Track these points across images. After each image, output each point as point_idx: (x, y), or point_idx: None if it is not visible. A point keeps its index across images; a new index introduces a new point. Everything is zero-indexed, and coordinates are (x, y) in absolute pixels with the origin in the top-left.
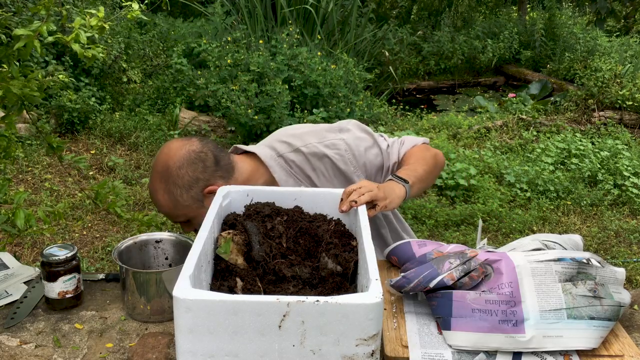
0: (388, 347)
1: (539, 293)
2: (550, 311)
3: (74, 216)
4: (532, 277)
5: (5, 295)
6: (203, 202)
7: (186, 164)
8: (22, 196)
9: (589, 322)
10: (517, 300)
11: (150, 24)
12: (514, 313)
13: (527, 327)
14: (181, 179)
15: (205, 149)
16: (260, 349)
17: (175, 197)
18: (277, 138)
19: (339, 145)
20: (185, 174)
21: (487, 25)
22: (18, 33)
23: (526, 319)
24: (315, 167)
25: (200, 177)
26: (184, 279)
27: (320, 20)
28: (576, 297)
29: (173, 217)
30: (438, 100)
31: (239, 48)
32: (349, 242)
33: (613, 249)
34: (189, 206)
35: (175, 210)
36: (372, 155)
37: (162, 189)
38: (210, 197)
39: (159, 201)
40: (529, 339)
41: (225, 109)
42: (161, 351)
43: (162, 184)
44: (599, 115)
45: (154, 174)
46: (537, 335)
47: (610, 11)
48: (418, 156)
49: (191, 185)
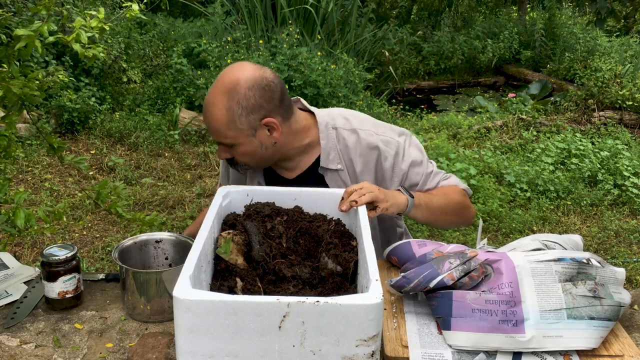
0: (388, 347)
1: (539, 293)
2: (550, 311)
3: (74, 216)
4: (532, 277)
5: (5, 295)
6: (256, 132)
7: (256, 87)
8: (22, 196)
9: (589, 322)
10: (517, 300)
11: (150, 24)
12: (514, 313)
13: (527, 327)
14: (247, 100)
15: (276, 81)
16: (260, 349)
17: (234, 116)
18: (339, 112)
19: (393, 145)
20: (253, 96)
21: (487, 25)
22: (19, 33)
23: (526, 319)
24: (362, 154)
25: (265, 105)
26: (184, 279)
27: (320, 20)
28: (576, 297)
29: (220, 135)
30: (438, 100)
31: (239, 48)
32: (349, 242)
33: (613, 249)
34: (242, 130)
35: (226, 129)
36: (415, 172)
37: (223, 104)
38: (264, 130)
39: (213, 115)
40: (529, 339)
41: None
42: (161, 351)
43: (225, 98)
44: (599, 115)
45: (219, 86)
46: (537, 335)
47: (610, 11)
48: (445, 192)
49: (253, 110)
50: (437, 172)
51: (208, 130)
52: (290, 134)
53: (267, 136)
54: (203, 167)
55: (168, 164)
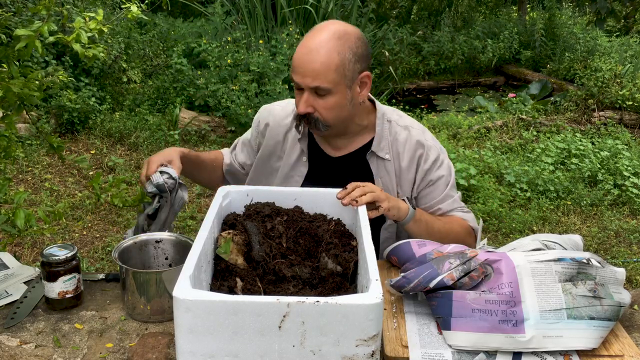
0: (388, 347)
1: (539, 293)
2: (550, 311)
3: (74, 216)
4: (532, 277)
5: (5, 295)
6: (352, 84)
7: (362, 39)
8: (22, 196)
9: (589, 322)
10: (517, 300)
11: (150, 24)
12: (513, 313)
13: (527, 327)
14: (357, 48)
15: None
16: (260, 350)
17: (344, 61)
18: (393, 109)
19: (434, 152)
20: (361, 46)
21: (487, 25)
22: (19, 33)
23: (526, 319)
24: (409, 149)
25: (366, 58)
26: (184, 279)
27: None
28: (576, 297)
29: (321, 78)
30: (438, 100)
31: (239, 48)
32: (349, 242)
33: (613, 249)
34: (345, 77)
35: (334, 72)
36: (440, 189)
37: (335, 48)
38: (357, 84)
39: (322, 56)
40: (529, 339)
41: (225, 109)
42: (161, 351)
43: (337, 43)
44: (599, 115)
45: (327, 32)
46: (537, 335)
47: (610, 11)
48: (451, 221)
49: (360, 59)
50: (458, 201)
51: (302, 73)
52: (362, 104)
53: (357, 92)
54: None
55: None
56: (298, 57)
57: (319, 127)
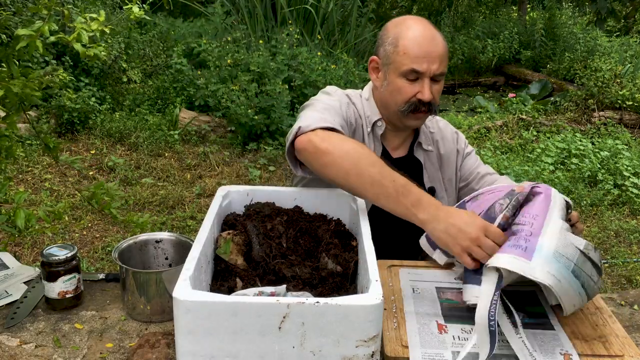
0: (388, 347)
1: (560, 238)
2: (562, 256)
3: (74, 216)
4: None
5: (5, 295)
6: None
7: None
8: (22, 196)
9: (580, 289)
10: (536, 232)
11: (150, 24)
12: (527, 240)
13: (536, 257)
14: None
15: None
16: (261, 350)
17: (447, 49)
18: None
19: (460, 133)
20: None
21: (487, 25)
22: (20, 33)
23: (538, 250)
24: (445, 137)
25: None
26: (184, 280)
27: (320, 20)
28: (587, 261)
29: (444, 62)
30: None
31: (239, 48)
32: (349, 242)
33: (613, 249)
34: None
35: (447, 56)
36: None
37: (441, 36)
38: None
39: (441, 43)
40: (534, 266)
41: (225, 109)
42: (161, 351)
43: (439, 32)
44: (599, 115)
45: (426, 23)
46: (542, 269)
47: (610, 11)
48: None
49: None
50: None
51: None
52: None
53: None
54: (203, 167)
55: (168, 164)
56: (421, 45)
57: (434, 112)
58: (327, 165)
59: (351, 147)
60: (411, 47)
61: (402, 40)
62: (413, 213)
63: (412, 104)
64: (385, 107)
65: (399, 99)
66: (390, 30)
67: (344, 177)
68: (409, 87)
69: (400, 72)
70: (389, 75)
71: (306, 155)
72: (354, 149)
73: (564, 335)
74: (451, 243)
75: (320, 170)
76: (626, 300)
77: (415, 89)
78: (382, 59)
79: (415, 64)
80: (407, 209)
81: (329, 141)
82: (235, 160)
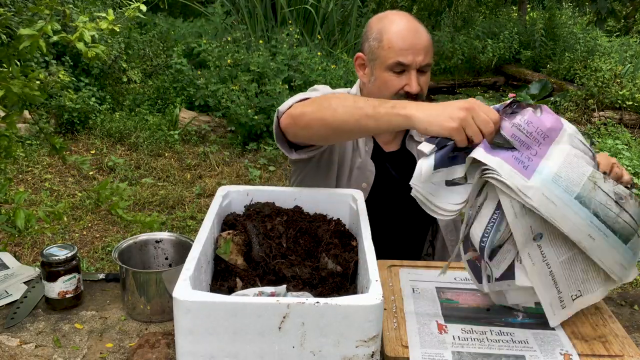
0: (388, 347)
1: (565, 162)
2: (565, 180)
3: (74, 216)
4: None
5: (5, 295)
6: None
7: None
8: (22, 196)
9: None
10: (541, 154)
11: (150, 24)
12: (529, 159)
13: (535, 177)
14: None
15: None
16: (261, 350)
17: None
18: None
19: None
20: None
21: (487, 25)
22: (23, 33)
23: (539, 171)
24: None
25: None
26: (184, 280)
27: (320, 20)
28: (598, 188)
29: (429, 54)
30: (438, 100)
31: (239, 48)
32: (349, 242)
33: None
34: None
35: (432, 48)
36: None
37: (424, 28)
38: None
39: (425, 35)
40: (531, 185)
41: (225, 109)
42: (161, 351)
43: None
44: (599, 115)
45: (409, 17)
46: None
47: (610, 11)
48: None
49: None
50: None
51: (415, 52)
52: None
53: None
54: (203, 167)
55: (168, 164)
56: (405, 38)
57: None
58: (306, 125)
59: (322, 98)
60: (395, 40)
61: (386, 34)
62: (396, 113)
63: (400, 96)
64: None
65: (387, 92)
66: (373, 26)
67: (325, 126)
68: (396, 80)
69: (387, 66)
70: (375, 70)
71: (290, 129)
72: (324, 97)
73: (564, 335)
74: (443, 118)
75: (305, 134)
76: (626, 300)
77: (402, 81)
78: (368, 54)
79: (401, 56)
80: (389, 114)
81: (302, 106)
82: (235, 160)
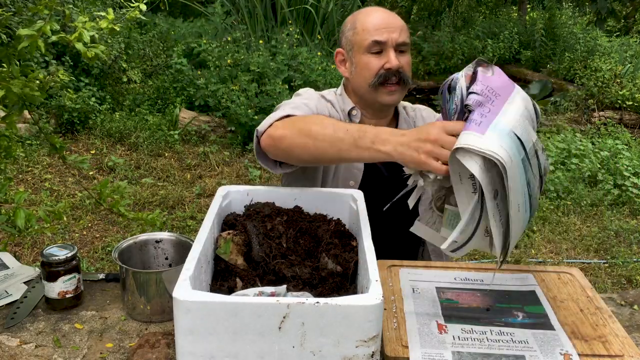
0: (388, 347)
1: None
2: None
3: (74, 216)
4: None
5: (5, 295)
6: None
7: None
8: (22, 196)
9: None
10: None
11: (150, 24)
12: (483, 116)
13: (490, 131)
14: None
15: None
16: (261, 350)
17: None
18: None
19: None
20: None
21: (487, 25)
22: (22, 33)
23: (493, 125)
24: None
25: None
26: (184, 280)
27: (320, 20)
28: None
29: (405, 31)
30: (438, 100)
31: (239, 48)
32: (349, 242)
33: (613, 249)
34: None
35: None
36: None
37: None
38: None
39: (397, 16)
40: (486, 140)
41: (225, 109)
42: (161, 351)
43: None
44: (599, 115)
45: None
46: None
47: (610, 11)
48: None
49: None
50: None
51: (390, 30)
52: None
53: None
54: (203, 167)
55: (168, 164)
56: (380, 18)
57: (408, 82)
58: (287, 149)
59: (302, 122)
60: (369, 22)
61: (359, 22)
62: (377, 150)
63: (381, 75)
64: (357, 90)
65: (368, 74)
66: (348, 21)
67: (306, 152)
68: (376, 61)
69: (364, 48)
70: (354, 57)
71: (271, 150)
72: (303, 121)
73: (564, 335)
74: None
75: (287, 156)
76: (626, 300)
77: (381, 61)
78: (345, 46)
79: (376, 35)
80: (370, 150)
81: (283, 127)
82: (235, 160)
